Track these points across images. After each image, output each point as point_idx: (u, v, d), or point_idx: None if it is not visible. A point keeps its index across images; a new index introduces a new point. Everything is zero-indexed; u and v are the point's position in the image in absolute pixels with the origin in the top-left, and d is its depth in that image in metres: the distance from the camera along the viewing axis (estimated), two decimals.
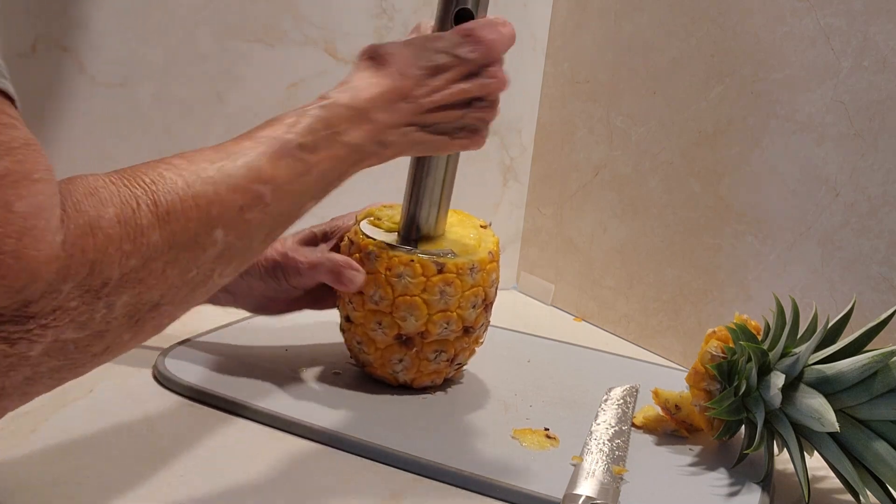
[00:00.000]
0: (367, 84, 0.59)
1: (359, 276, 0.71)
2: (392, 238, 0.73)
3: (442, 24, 0.67)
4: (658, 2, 0.97)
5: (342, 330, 0.75)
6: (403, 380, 0.74)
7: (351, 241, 0.73)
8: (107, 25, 0.84)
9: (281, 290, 0.75)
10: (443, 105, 0.62)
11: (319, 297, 0.77)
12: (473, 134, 0.66)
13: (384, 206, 0.78)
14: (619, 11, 1.03)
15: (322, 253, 0.74)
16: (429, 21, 0.69)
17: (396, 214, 0.76)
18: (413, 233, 0.73)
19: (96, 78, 0.84)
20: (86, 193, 0.42)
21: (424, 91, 0.61)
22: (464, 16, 0.67)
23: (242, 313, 0.84)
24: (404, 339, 0.71)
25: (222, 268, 0.50)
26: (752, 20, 0.87)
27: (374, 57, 0.61)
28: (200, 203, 0.47)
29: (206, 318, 0.82)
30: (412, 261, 0.70)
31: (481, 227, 0.78)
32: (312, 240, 0.78)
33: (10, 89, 0.40)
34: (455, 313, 0.72)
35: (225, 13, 0.90)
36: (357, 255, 0.72)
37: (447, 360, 0.74)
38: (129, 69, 0.86)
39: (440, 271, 0.70)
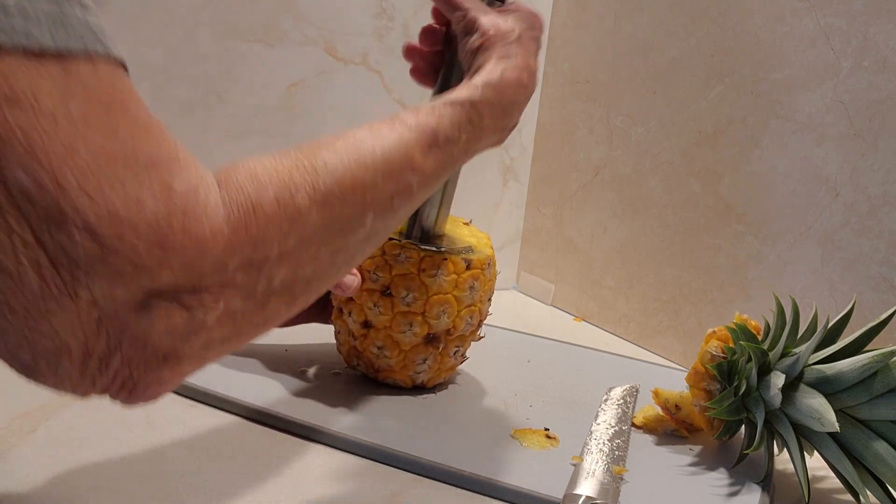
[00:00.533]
0: (506, 79, 0.61)
1: (355, 280, 0.70)
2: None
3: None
4: (658, 2, 0.97)
5: (352, 338, 0.73)
6: (422, 381, 0.73)
7: None
8: (106, 25, 0.84)
9: None
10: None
11: (323, 308, 0.76)
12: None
13: None
14: (619, 11, 1.03)
15: None
16: None
17: None
18: (417, 232, 0.73)
19: None
20: (247, 177, 0.43)
21: (536, 80, 0.64)
22: None
23: None
24: (430, 337, 0.71)
25: (365, 248, 0.52)
26: (752, 20, 0.87)
27: (505, 47, 0.62)
28: (357, 189, 0.48)
29: None
30: (445, 259, 0.70)
31: (464, 224, 0.79)
32: None
33: (123, 57, 0.40)
34: (477, 307, 0.73)
35: (225, 13, 0.90)
36: (378, 256, 0.70)
37: (461, 355, 0.75)
38: (129, 69, 0.86)
39: (468, 267, 0.71)
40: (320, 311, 0.77)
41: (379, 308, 0.70)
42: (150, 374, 0.41)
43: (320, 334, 0.82)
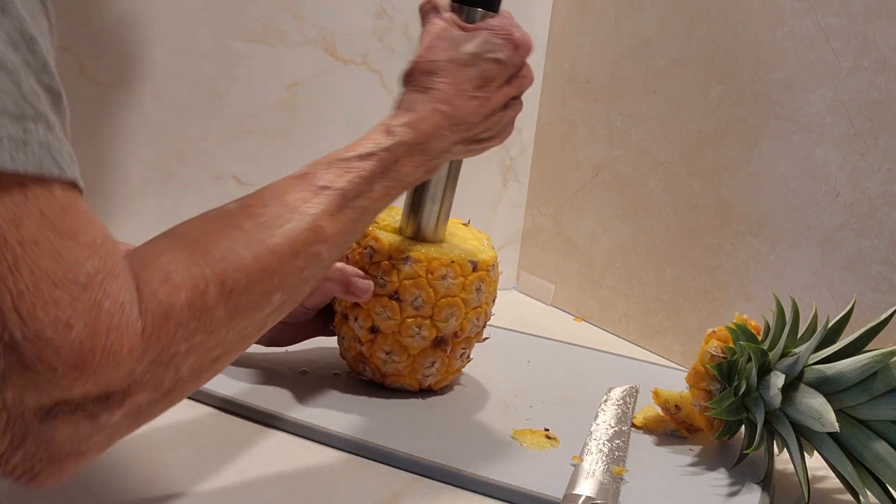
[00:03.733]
0: (424, 115, 0.60)
1: (369, 284, 0.69)
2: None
3: None
4: (658, 2, 0.97)
5: (359, 343, 0.72)
6: (429, 384, 0.73)
7: (373, 249, 0.70)
8: (107, 25, 0.84)
9: (293, 313, 0.72)
10: (488, 115, 0.64)
11: (327, 321, 0.76)
12: (502, 131, 0.67)
13: None
14: (619, 11, 1.03)
15: None
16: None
17: (388, 217, 0.75)
18: (419, 235, 0.72)
19: (96, 78, 0.84)
20: (160, 280, 0.44)
21: (475, 107, 0.62)
22: None
23: None
24: (439, 340, 0.71)
25: (274, 318, 0.52)
26: (752, 20, 0.87)
27: (423, 81, 0.62)
28: (264, 276, 0.49)
29: None
30: (453, 262, 0.70)
31: (463, 225, 0.79)
32: None
33: (78, 177, 0.41)
34: (483, 309, 0.73)
35: (225, 13, 0.90)
36: (385, 261, 0.70)
37: (467, 357, 0.75)
38: (129, 69, 0.86)
39: (475, 269, 0.71)
40: (322, 325, 0.76)
41: (387, 313, 0.70)
42: (52, 467, 0.42)
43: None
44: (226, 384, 0.70)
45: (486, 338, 0.77)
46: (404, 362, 0.71)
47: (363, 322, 0.71)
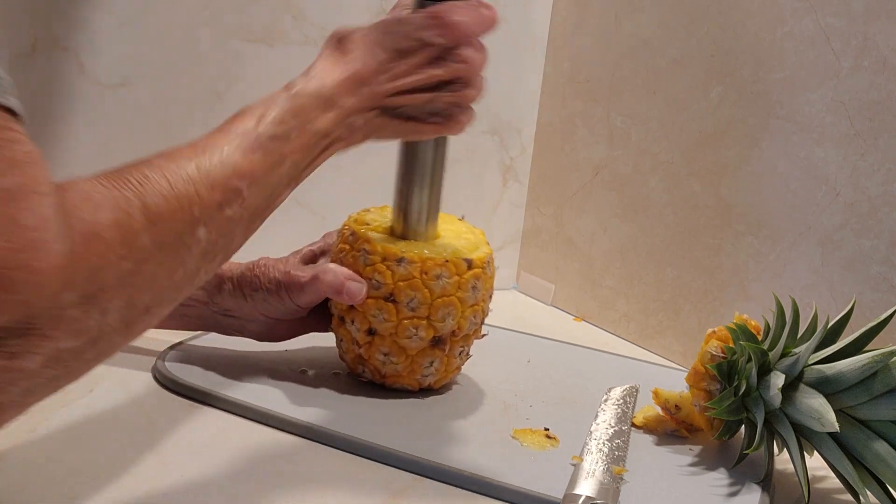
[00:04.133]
0: (330, 70, 0.60)
1: (362, 288, 0.69)
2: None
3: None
4: (658, 2, 0.97)
5: (357, 345, 0.72)
6: (429, 383, 0.73)
7: (367, 252, 0.70)
8: (107, 25, 0.84)
9: (286, 310, 0.73)
10: (408, 89, 0.62)
11: (324, 316, 0.76)
12: (448, 119, 0.65)
13: (364, 212, 0.77)
14: (619, 11, 1.03)
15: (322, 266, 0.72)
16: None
17: (379, 217, 0.75)
18: (410, 233, 0.72)
19: (96, 78, 0.84)
20: (81, 199, 0.42)
21: (388, 76, 0.61)
22: None
23: None
24: (436, 340, 0.71)
25: (206, 265, 0.51)
26: (752, 20, 0.87)
27: (339, 42, 0.61)
28: (183, 203, 0.48)
29: None
30: (447, 261, 0.70)
31: (458, 220, 0.79)
32: (313, 258, 0.78)
33: (15, 104, 0.40)
34: (480, 306, 0.72)
35: (225, 13, 0.90)
36: (379, 263, 0.69)
37: (466, 355, 0.75)
38: (129, 69, 0.86)
39: (469, 267, 0.71)
40: (318, 321, 0.76)
41: (383, 315, 0.69)
42: None
43: (319, 334, 0.82)
44: (226, 384, 0.70)
45: (485, 334, 0.77)
46: (403, 363, 0.71)
47: (360, 325, 0.71)
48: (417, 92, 0.62)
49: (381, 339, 0.70)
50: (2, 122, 0.39)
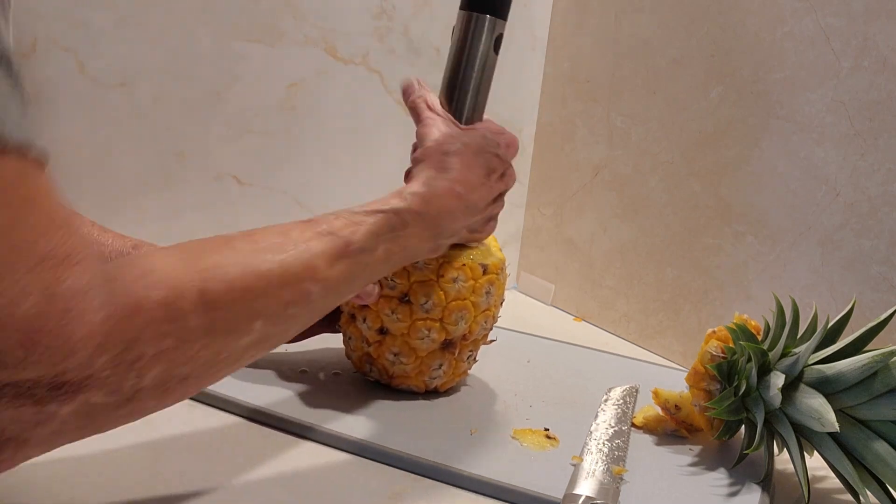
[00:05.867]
0: (439, 191, 0.61)
1: (376, 289, 0.69)
2: None
3: (463, 54, 0.67)
4: (658, 2, 0.97)
5: (366, 344, 0.72)
6: (435, 385, 0.73)
7: None
8: (107, 25, 0.84)
9: None
10: (488, 205, 0.67)
11: (335, 317, 0.76)
12: (487, 224, 0.70)
13: None
14: (619, 11, 1.03)
15: None
16: (433, 94, 0.70)
17: None
18: None
19: (96, 78, 0.84)
20: (140, 275, 0.43)
21: (483, 194, 0.65)
22: (501, 42, 0.68)
23: None
24: (447, 343, 0.71)
25: (254, 352, 0.51)
26: (752, 20, 0.87)
27: (438, 161, 0.63)
28: (247, 296, 0.47)
29: None
30: (464, 265, 0.70)
31: None
32: None
33: (40, 143, 0.39)
34: (491, 312, 0.73)
35: (225, 13, 0.90)
36: None
37: (473, 359, 0.75)
38: (129, 69, 0.86)
39: (485, 272, 0.71)
40: (328, 322, 0.76)
41: (397, 315, 0.70)
42: None
43: (320, 334, 0.82)
44: (226, 384, 0.70)
45: (493, 340, 0.77)
46: (412, 364, 0.71)
47: (372, 323, 0.71)
48: (490, 206, 0.67)
49: (392, 338, 0.70)
50: (40, 178, 0.39)
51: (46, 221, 0.39)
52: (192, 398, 0.68)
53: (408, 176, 0.66)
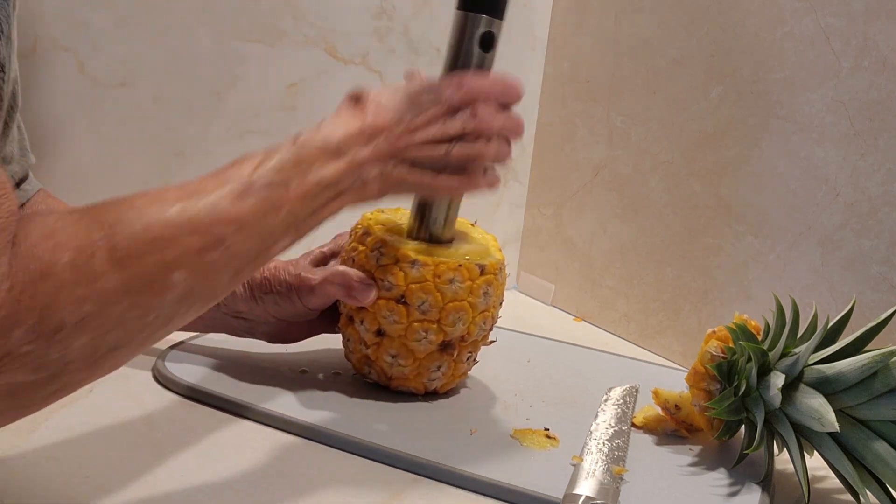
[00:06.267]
0: (343, 122, 0.59)
1: (372, 290, 0.69)
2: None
3: (457, 52, 0.67)
4: (658, 2, 0.97)
5: (364, 346, 0.71)
6: (435, 387, 0.73)
7: (380, 252, 0.70)
8: (107, 25, 0.84)
9: (297, 312, 0.73)
10: (422, 141, 0.62)
11: (335, 318, 0.75)
12: (464, 175, 0.64)
13: (378, 212, 0.76)
14: (619, 11, 1.03)
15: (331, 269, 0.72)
16: (422, 72, 0.68)
17: (395, 219, 0.75)
18: (426, 236, 0.72)
19: (96, 78, 0.84)
20: (43, 236, 0.41)
21: (403, 127, 0.61)
22: (489, 39, 0.66)
23: None
24: (445, 344, 0.71)
25: (185, 309, 0.49)
26: (752, 20, 0.87)
27: (355, 98, 0.61)
28: (158, 246, 0.46)
29: None
30: (460, 265, 0.69)
31: (471, 225, 0.78)
32: (323, 260, 0.77)
33: None
34: (490, 312, 0.72)
35: (225, 13, 0.90)
36: (392, 264, 0.69)
37: (473, 360, 0.74)
38: (129, 69, 0.86)
39: (482, 273, 0.70)
40: (328, 322, 0.76)
41: (394, 317, 0.69)
42: None
43: (320, 335, 0.82)
44: (226, 384, 0.70)
45: (493, 341, 0.77)
46: (410, 366, 0.71)
47: (369, 325, 0.70)
48: (432, 144, 0.62)
49: (389, 340, 0.70)
50: None
51: None
52: (191, 398, 0.69)
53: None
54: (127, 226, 0.45)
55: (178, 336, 0.78)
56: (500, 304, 0.74)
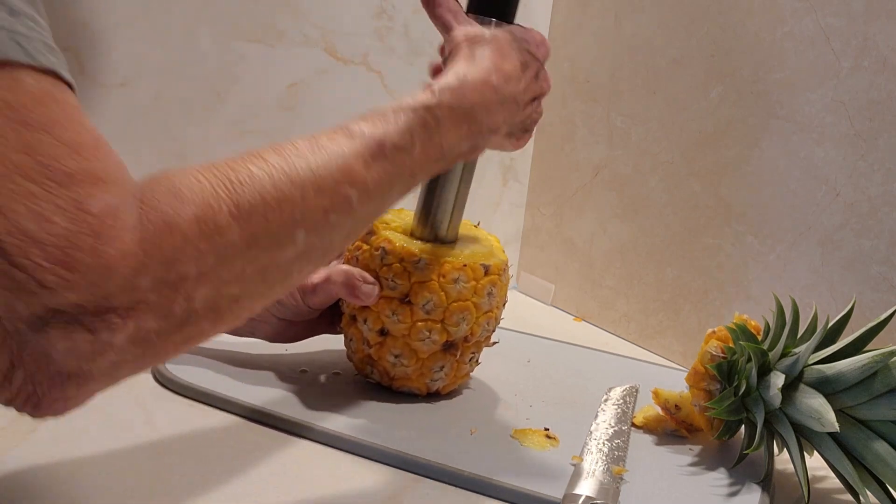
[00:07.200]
0: (472, 82, 0.58)
1: (375, 289, 0.69)
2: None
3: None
4: (658, 2, 0.97)
5: (367, 346, 0.71)
6: (437, 388, 0.73)
7: (385, 251, 0.69)
8: (107, 25, 0.84)
9: (298, 311, 0.73)
10: (526, 104, 0.63)
11: (335, 318, 0.75)
12: (525, 133, 0.66)
13: None
14: (619, 11, 1.03)
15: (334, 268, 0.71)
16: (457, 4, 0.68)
17: (399, 219, 0.75)
18: (430, 236, 0.72)
19: (96, 78, 0.84)
20: (167, 192, 0.42)
21: (518, 87, 0.61)
22: None
23: None
24: (448, 344, 0.70)
25: (302, 265, 0.49)
26: (752, 20, 0.87)
27: (468, 51, 0.61)
28: (284, 206, 0.46)
29: None
30: (465, 265, 0.69)
31: (473, 226, 0.78)
32: None
33: (61, 69, 0.40)
34: (493, 313, 0.72)
35: (225, 13, 0.90)
36: (396, 264, 0.69)
37: (476, 361, 0.74)
38: (129, 69, 0.86)
39: (486, 273, 0.70)
40: (329, 322, 0.76)
41: (397, 316, 0.69)
42: (55, 390, 0.40)
43: (321, 335, 0.82)
44: (226, 384, 0.70)
45: (496, 342, 0.77)
46: (413, 366, 0.71)
47: (372, 324, 0.70)
48: (527, 106, 0.64)
49: (393, 340, 0.70)
50: (56, 95, 0.39)
51: (77, 139, 0.39)
52: (191, 398, 0.68)
53: (437, 73, 0.64)
54: (254, 183, 0.45)
55: None
56: (504, 304, 0.74)
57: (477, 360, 0.75)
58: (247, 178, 0.45)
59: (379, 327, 0.70)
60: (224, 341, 0.78)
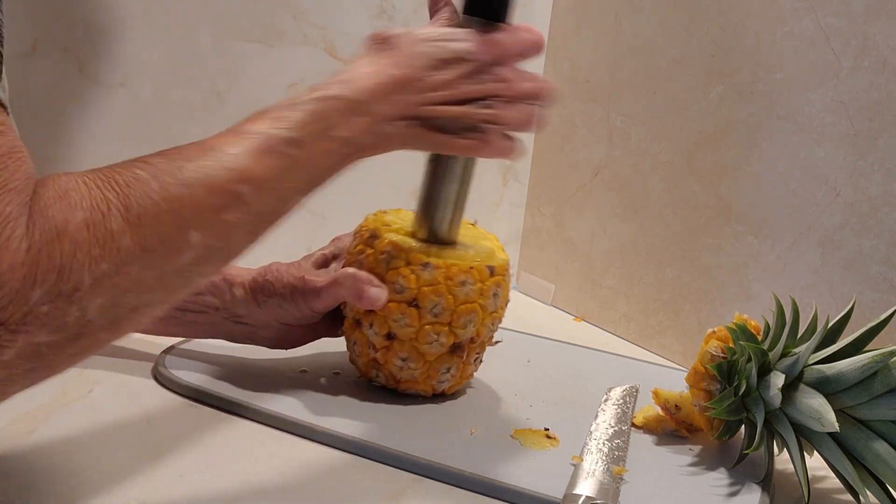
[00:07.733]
0: (366, 73, 0.57)
1: (384, 293, 0.68)
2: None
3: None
4: (658, 2, 0.97)
5: (373, 349, 0.71)
6: (443, 389, 0.73)
7: (390, 255, 0.69)
8: (107, 25, 0.84)
9: (300, 315, 0.72)
10: (445, 101, 0.60)
11: (336, 322, 0.75)
12: (482, 138, 0.63)
13: (381, 213, 0.76)
14: (619, 11, 1.03)
15: (336, 272, 0.71)
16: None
17: (399, 220, 0.75)
18: (431, 237, 0.71)
19: (96, 78, 0.84)
20: (55, 197, 0.41)
21: (427, 84, 0.59)
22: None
23: None
24: (455, 346, 0.70)
25: (201, 268, 0.49)
26: (752, 20, 0.87)
27: (381, 42, 0.60)
28: (173, 206, 0.46)
29: None
30: (471, 267, 0.69)
31: (471, 225, 0.78)
32: (325, 263, 0.76)
33: (2, 96, 0.39)
34: (498, 314, 0.72)
35: (225, 13, 0.90)
36: (403, 267, 0.68)
37: (479, 361, 0.75)
38: (129, 69, 0.86)
39: (492, 274, 0.70)
40: (330, 326, 0.75)
41: (405, 320, 0.68)
42: None
43: (321, 338, 0.82)
44: (226, 384, 0.70)
45: (498, 341, 0.77)
46: (420, 369, 0.70)
47: (379, 328, 0.69)
48: (453, 105, 0.61)
49: (400, 343, 0.69)
50: None
51: None
52: (191, 398, 0.68)
53: None
54: (143, 184, 0.45)
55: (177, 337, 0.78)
56: (507, 304, 0.74)
57: (481, 360, 0.75)
58: (133, 181, 0.45)
59: (386, 331, 0.69)
60: (224, 342, 0.78)
